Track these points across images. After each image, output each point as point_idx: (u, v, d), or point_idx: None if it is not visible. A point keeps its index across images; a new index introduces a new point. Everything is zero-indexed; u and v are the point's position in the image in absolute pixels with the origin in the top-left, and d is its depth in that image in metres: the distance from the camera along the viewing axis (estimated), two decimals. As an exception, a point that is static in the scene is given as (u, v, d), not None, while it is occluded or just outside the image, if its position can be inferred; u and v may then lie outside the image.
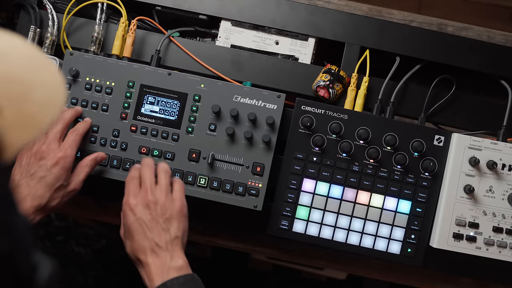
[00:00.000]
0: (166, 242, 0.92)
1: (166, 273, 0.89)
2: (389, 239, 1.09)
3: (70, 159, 1.01)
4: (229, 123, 1.08)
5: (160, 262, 0.90)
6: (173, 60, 1.16)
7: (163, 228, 0.93)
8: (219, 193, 1.07)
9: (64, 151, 1.01)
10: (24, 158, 1.00)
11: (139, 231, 0.92)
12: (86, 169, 1.05)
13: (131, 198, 0.95)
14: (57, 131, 1.03)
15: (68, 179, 1.02)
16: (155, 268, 0.90)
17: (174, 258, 0.91)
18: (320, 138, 1.09)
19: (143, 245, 0.92)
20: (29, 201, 0.96)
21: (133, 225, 0.93)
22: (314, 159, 1.09)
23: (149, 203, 0.94)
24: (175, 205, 0.95)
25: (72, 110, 1.07)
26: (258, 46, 1.16)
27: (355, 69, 1.13)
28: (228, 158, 1.08)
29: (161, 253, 0.91)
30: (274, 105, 1.07)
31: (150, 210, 0.93)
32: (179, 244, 0.93)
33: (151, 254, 0.91)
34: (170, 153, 1.08)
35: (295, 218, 1.09)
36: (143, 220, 0.93)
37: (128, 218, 0.94)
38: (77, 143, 1.04)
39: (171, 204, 0.95)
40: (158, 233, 0.92)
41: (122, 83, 1.09)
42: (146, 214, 0.93)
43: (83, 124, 1.07)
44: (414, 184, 1.09)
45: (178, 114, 1.08)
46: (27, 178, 0.98)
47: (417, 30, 1.14)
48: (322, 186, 1.09)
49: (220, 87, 1.08)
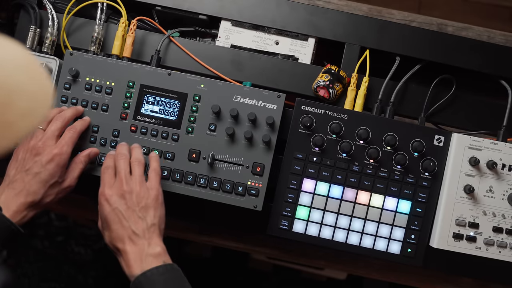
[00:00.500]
0: (143, 230, 0.92)
1: (144, 260, 0.89)
2: (389, 239, 1.09)
3: (65, 156, 1.01)
4: (229, 123, 1.07)
5: (137, 249, 0.90)
6: (173, 60, 1.15)
7: (139, 216, 0.93)
8: (219, 193, 1.07)
9: (60, 148, 1.01)
10: (20, 153, 1.00)
11: (116, 220, 0.93)
12: (80, 165, 1.05)
13: (107, 189, 0.95)
14: (55, 129, 1.03)
15: (63, 176, 1.02)
16: (133, 255, 0.90)
17: (152, 245, 0.91)
18: (320, 138, 1.09)
19: (120, 234, 0.92)
20: (23, 196, 0.96)
21: (109, 215, 0.94)
22: (314, 159, 1.09)
23: (124, 193, 0.94)
24: (151, 194, 0.95)
25: (73, 109, 1.07)
26: (258, 46, 1.16)
27: (355, 69, 1.13)
28: (228, 158, 1.07)
29: (138, 240, 0.91)
30: (274, 105, 1.07)
31: (125, 200, 0.94)
32: (156, 231, 0.93)
33: (128, 242, 0.91)
34: (170, 153, 1.08)
35: (295, 218, 1.09)
36: (119, 210, 0.93)
37: (104, 209, 0.95)
38: (74, 141, 1.03)
39: (147, 193, 0.95)
40: (134, 221, 0.93)
41: (122, 83, 1.09)
42: (121, 204, 0.93)
43: (81, 123, 1.07)
44: (414, 184, 1.09)
45: (178, 114, 1.08)
46: (22, 174, 0.98)
47: (417, 30, 1.14)
48: (322, 186, 1.09)
49: (220, 87, 1.08)
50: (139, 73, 1.09)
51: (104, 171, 0.98)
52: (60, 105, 1.09)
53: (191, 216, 1.16)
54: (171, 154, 1.08)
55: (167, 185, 1.07)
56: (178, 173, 1.07)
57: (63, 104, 1.09)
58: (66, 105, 1.09)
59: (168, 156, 1.08)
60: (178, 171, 1.08)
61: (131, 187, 0.95)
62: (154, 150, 1.07)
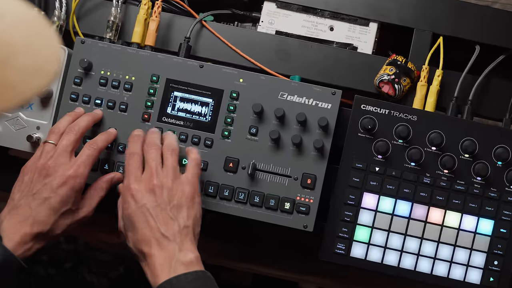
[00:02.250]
0: (173, 232, 0.89)
1: (174, 267, 0.86)
2: (467, 266, 1.04)
3: (81, 179, 0.94)
4: (273, 126, 1.03)
5: (166, 254, 0.87)
6: (206, 50, 1.11)
7: (170, 216, 0.90)
8: (262, 211, 1.02)
9: (75, 168, 0.94)
10: (28, 173, 0.95)
11: (142, 220, 0.89)
12: (101, 193, 0.99)
13: (133, 183, 0.91)
14: (68, 143, 0.95)
15: (78, 204, 0.95)
16: (160, 261, 0.87)
17: (183, 251, 0.88)
18: (383, 144, 1.04)
19: (147, 236, 0.88)
20: (28, 225, 0.91)
21: (134, 213, 0.90)
22: (377, 169, 1.04)
23: (154, 188, 0.91)
24: (185, 190, 0.92)
25: (89, 116, 1.00)
26: (308, 32, 1.12)
27: (426, 60, 1.08)
28: (272, 168, 1.03)
29: (167, 244, 0.88)
30: (328, 104, 1.03)
31: (155, 196, 0.90)
32: (189, 235, 0.90)
33: (156, 246, 0.88)
34: (203, 162, 1.02)
35: (353, 241, 1.05)
36: (147, 207, 0.90)
37: (129, 206, 0.91)
38: (93, 160, 0.96)
39: (180, 189, 0.92)
40: (164, 222, 0.89)
41: (144, 77, 1.04)
42: (150, 201, 0.90)
43: (104, 137, 0.99)
44: (497, 199, 1.04)
45: (212, 115, 1.04)
46: (29, 198, 0.92)
47: (500, 13, 1.09)
48: (386, 202, 1.04)
49: (262, 82, 1.04)
50: (164, 65, 1.04)
51: (130, 158, 0.94)
52: (69, 105, 1.03)
53: (227, 238, 1.14)
54: (203, 163, 1.02)
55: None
56: (212, 186, 1.02)
57: (73, 104, 1.03)
58: (77, 104, 1.04)
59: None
60: (212, 183, 1.02)
61: (162, 181, 0.91)
62: (183, 158, 1.00)
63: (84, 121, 0.99)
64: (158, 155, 0.94)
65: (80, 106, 1.03)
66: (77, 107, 1.02)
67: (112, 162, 1.02)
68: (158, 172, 0.92)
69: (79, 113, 1.01)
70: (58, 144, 0.96)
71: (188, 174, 0.93)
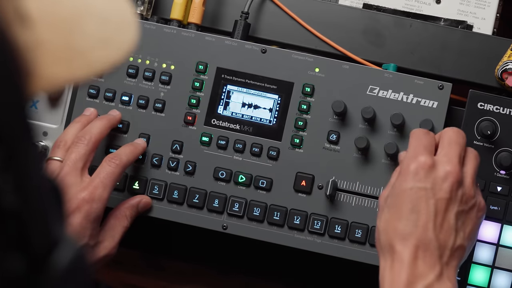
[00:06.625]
0: (445, 246, 0.77)
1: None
2: None
3: (98, 204, 0.83)
4: (360, 131, 0.91)
5: (420, 268, 0.76)
6: (270, 30, 0.99)
7: (453, 223, 0.78)
8: (345, 245, 0.89)
9: (90, 190, 0.83)
10: None
11: (412, 206, 0.77)
12: (124, 222, 0.88)
13: (424, 155, 0.79)
14: (78, 157, 0.84)
15: (97, 237, 0.84)
16: (407, 271, 0.74)
17: (443, 278, 0.76)
18: (508, 155, 0.91)
19: (407, 230, 0.76)
20: None
21: (408, 193, 0.77)
22: (499, 189, 0.91)
23: (451, 177, 0.78)
24: (478, 198, 0.81)
25: (103, 120, 0.89)
26: (406, 6, 1.00)
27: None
28: (359, 187, 0.91)
29: (427, 257, 0.76)
30: (433, 102, 0.91)
31: (451, 186, 0.77)
32: (458, 259, 0.78)
33: (412, 248, 0.75)
34: (265, 180, 0.90)
35: (467, 285, 0.90)
36: (430, 194, 0.77)
37: (405, 180, 0.78)
38: (115, 180, 0.85)
39: (475, 194, 0.80)
40: (440, 225, 0.77)
41: (187, 65, 0.93)
42: (441, 189, 0.77)
43: (130, 150, 0.88)
44: None
45: (278, 116, 0.92)
46: None
47: None
48: (511, 233, 0.90)
49: (346, 73, 0.92)
50: (215, 50, 0.93)
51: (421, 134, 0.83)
52: (87, 102, 0.91)
53: (309, 283, 1.04)
54: (266, 181, 0.90)
55: (259, 231, 0.92)
56: (278, 212, 0.90)
57: (91, 101, 0.92)
58: (97, 101, 0.92)
59: (262, 185, 0.91)
60: (277, 208, 0.90)
61: (462, 175, 0.80)
62: (239, 174, 0.90)
63: (98, 127, 0.87)
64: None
65: (101, 104, 0.91)
66: (86, 109, 0.90)
67: (144, 180, 0.90)
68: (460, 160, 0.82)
69: (90, 116, 0.89)
70: (65, 160, 0.84)
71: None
